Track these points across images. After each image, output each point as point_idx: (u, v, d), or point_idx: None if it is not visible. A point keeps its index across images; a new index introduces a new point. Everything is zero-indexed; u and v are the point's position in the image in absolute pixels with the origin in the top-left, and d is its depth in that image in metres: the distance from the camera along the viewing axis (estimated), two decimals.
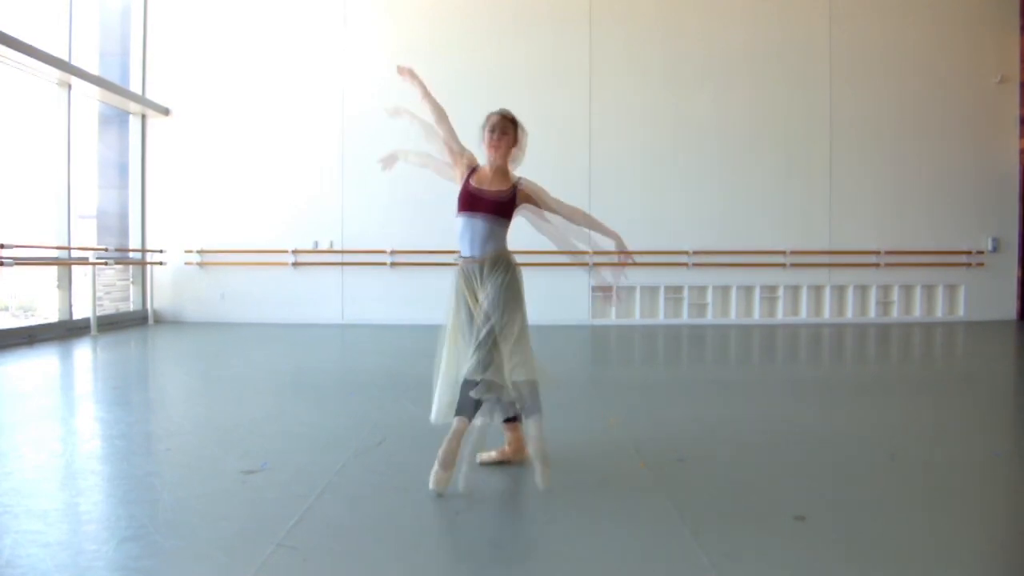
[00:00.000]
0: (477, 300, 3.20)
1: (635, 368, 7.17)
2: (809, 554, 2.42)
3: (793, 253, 10.49)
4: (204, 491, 3.02)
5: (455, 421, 3.06)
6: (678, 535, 2.57)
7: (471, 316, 3.19)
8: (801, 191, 10.53)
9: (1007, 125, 10.76)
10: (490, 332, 3.09)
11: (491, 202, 3.22)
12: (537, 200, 3.31)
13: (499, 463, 3.38)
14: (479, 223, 3.22)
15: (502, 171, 3.33)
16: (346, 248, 10.31)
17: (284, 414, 4.56)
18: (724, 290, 10.55)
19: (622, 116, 10.41)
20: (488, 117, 3.37)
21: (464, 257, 3.25)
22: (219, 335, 9.00)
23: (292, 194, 10.32)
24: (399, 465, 3.37)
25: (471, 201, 3.25)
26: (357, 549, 2.47)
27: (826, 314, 10.61)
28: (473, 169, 3.36)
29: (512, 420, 3.31)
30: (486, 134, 3.32)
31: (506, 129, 3.32)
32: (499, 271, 3.19)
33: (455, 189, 3.40)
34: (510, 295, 3.16)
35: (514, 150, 3.35)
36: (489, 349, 3.07)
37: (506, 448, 3.40)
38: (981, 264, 10.71)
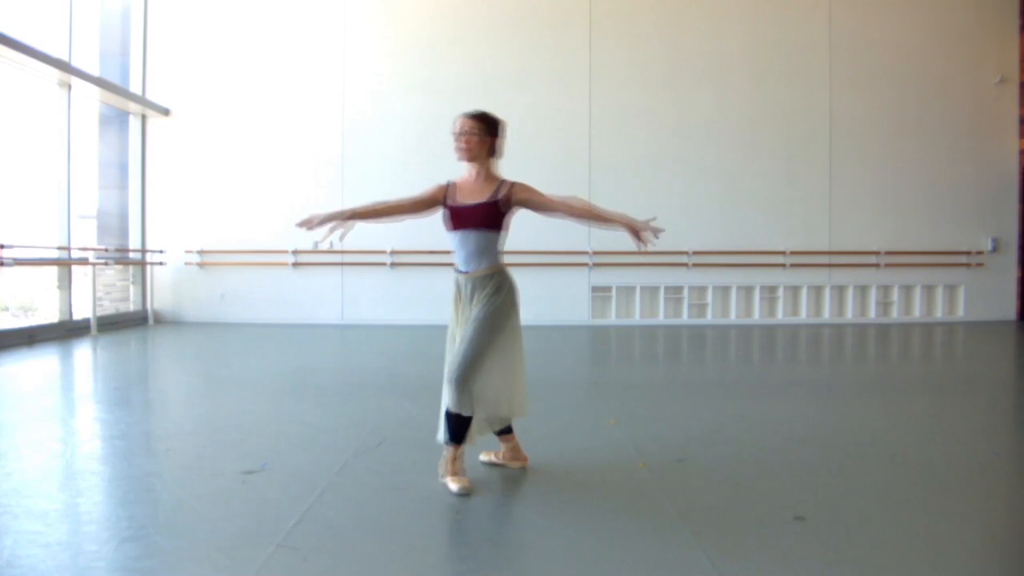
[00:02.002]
0: (463, 316, 3.12)
1: (635, 368, 7.17)
2: (809, 554, 2.42)
3: (793, 253, 10.49)
4: (204, 491, 3.02)
5: (445, 449, 3.07)
6: (678, 535, 2.57)
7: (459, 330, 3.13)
8: (801, 191, 10.53)
9: (1007, 125, 10.76)
10: (462, 355, 3.00)
11: (477, 215, 3.07)
12: (527, 204, 3.12)
13: (495, 465, 3.38)
14: (469, 239, 3.09)
15: (485, 176, 3.16)
16: (346, 248, 10.29)
17: (284, 414, 4.56)
18: (724, 290, 10.55)
19: (622, 116, 10.41)
20: (454, 123, 3.18)
21: (458, 271, 3.17)
22: (219, 335, 9.00)
23: (292, 194, 10.31)
24: (399, 465, 3.37)
25: (457, 218, 3.11)
26: (357, 549, 2.47)
27: (826, 314, 10.61)
28: (446, 188, 3.20)
29: (506, 432, 3.30)
30: (454, 142, 3.16)
31: (471, 129, 3.11)
32: (488, 291, 3.06)
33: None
34: (495, 321, 3.03)
35: (488, 147, 3.14)
36: (458, 369, 2.99)
37: (502, 454, 3.38)
38: (981, 264, 10.71)
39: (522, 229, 3.28)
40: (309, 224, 3.20)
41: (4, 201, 9.06)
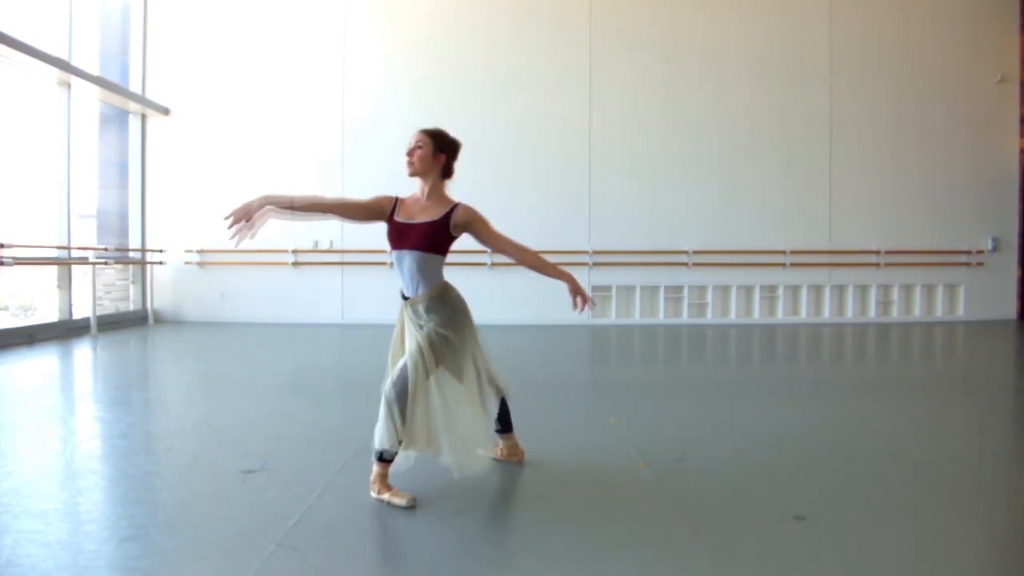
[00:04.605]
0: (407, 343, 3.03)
1: (635, 368, 7.17)
2: (809, 554, 2.42)
3: (793, 253, 10.49)
4: (204, 491, 3.02)
5: (376, 466, 2.95)
6: (678, 535, 2.57)
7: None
8: (801, 191, 10.53)
9: (1007, 125, 10.76)
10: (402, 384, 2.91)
11: (419, 235, 2.95)
12: (474, 232, 3.02)
13: (495, 460, 3.43)
14: (405, 260, 2.98)
15: (435, 195, 3.04)
16: (346, 248, 10.31)
17: (284, 414, 4.56)
18: (724, 290, 10.55)
19: (622, 116, 10.41)
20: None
21: (403, 295, 3.08)
22: (219, 335, 9.00)
23: (292, 194, 10.29)
24: (398, 465, 3.36)
25: (398, 235, 3.01)
26: (357, 549, 2.47)
27: (826, 314, 10.61)
28: (396, 202, 3.08)
29: (507, 430, 3.37)
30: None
31: (419, 142, 2.99)
32: (433, 316, 2.96)
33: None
34: (449, 344, 2.96)
35: (441, 165, 3.02)
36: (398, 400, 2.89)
37: (501, 450, 3.45)
38: (981, 264, 10.71)
39: (522, 228, 3.26)
40: (246, 215, 2.94)
41: (4, 201, 9.05)
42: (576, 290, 3.08)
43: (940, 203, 10.64)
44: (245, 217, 2.95)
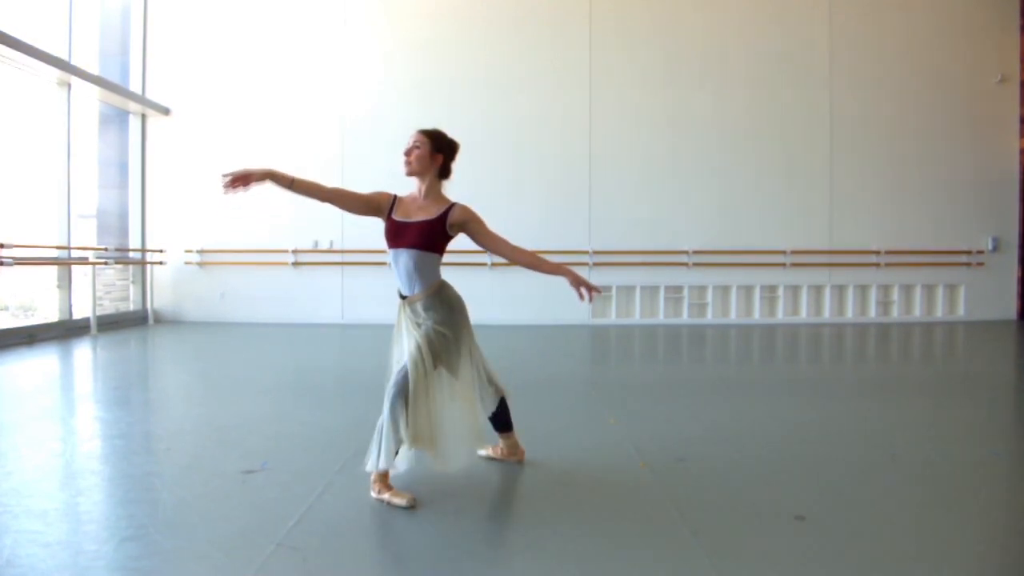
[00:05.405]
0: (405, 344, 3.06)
1: (635, 368, 7.17)
2: (809, 554, 2.42)
3: (793, 253, 10.49)
4: (204, 491, 3.02)
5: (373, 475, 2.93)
6: (678, 535, 2.57)
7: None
8: (801, 191, 10.53)
9: (1007, 125, 10.76)
10: (404, 380, 2.93)
11: (416, 234, 2.98)
12: (470, 232, 3.06)
13: (493, 459, 3.44)
14: (403, 258, 3.00)
15: (432, 195, 3.07)
16: (346, 248, 10.31)
17: (284, 414, 4.56)
18: (724, 290, 10.55)
19: (622, 116, 10.41)
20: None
21: (400, 294, 3.10)
22: (219, 335, 9.00)
23: (292, 194, 10.29)
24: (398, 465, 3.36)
25: (395, 234, 3.03)
26: (357, 549, 2.47)
27: (826, 314, 10.61)
28: (394, 200, 3.12)
29: (506, 429, 3.36)
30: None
31: (417, 142, 3.04)
32: (431, 313, 3.00)
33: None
34: (447, 342, 2.99)
35: (439, 165, 3.05)
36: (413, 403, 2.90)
37: (500, 449, 3.44)
38: (981, 264, 10.71)
39: (522, 228, 3.25)
40: (244, 180, 2.91)
41: (4, 201, 9.05)
42: (578, 282, 3.09)
43: (940, 203, 10.64)
44: (243, 182, 2.93)
